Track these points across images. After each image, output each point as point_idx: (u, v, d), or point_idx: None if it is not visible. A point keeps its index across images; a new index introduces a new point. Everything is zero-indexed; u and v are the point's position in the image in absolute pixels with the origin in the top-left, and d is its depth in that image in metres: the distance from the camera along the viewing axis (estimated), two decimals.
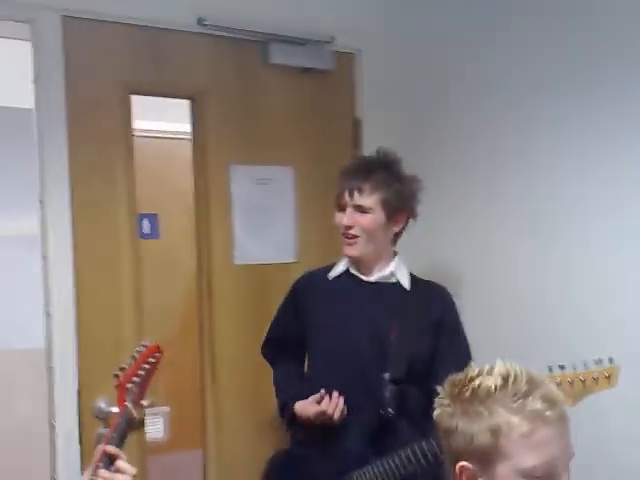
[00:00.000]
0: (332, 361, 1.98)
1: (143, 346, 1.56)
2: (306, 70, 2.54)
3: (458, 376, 1.20)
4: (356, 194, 1.94)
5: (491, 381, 1.13)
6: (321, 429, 1.94)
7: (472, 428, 1.13)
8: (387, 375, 1.87)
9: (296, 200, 2.55)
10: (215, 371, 2.38)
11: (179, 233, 3.85)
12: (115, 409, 2.07)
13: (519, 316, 2.21)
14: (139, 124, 2.48)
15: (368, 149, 2.56)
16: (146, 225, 3.84)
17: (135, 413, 1.46)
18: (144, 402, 1.54)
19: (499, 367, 1.16)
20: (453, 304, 2.03)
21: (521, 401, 1.10)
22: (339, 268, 2.06)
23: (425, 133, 2.55)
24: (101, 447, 1.36)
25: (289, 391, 2.06)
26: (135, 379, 1.50)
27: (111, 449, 1.36)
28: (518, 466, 1.10)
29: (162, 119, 3.55)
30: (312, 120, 2.57)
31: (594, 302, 2.00)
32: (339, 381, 1.94)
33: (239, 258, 2.44)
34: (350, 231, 1.95)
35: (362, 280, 2.02)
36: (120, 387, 1.49)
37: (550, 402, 1.11)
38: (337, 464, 1.87)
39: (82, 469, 2.09)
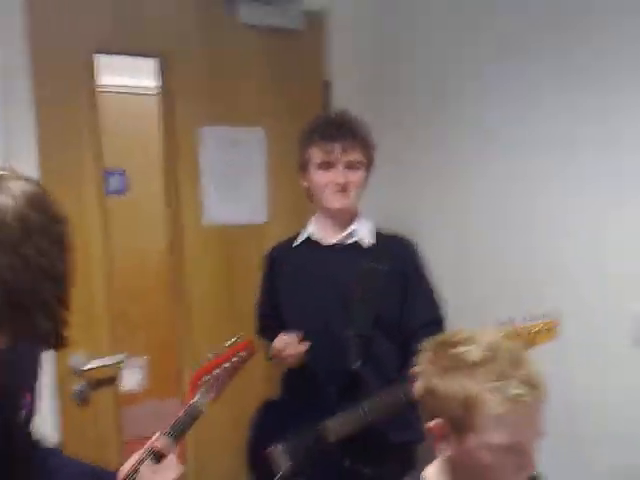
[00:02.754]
0: (302, 325, 2.02)
1: (236, 340, 1.50)
2: (275, 30, 2.54)
3: (444, 337, 1.22)
4: (349, 150, 1.97)
5: (475, 353, 1.13)
6: (300, 381, 2.04)
7: (448, 394, 1.14)
8: (352, 331, 1.93)
9: (267, 161, 2.57)
10: (189, 324, 2.44)
11: (148, 189, 3.88)
12: (93, 364, 2.18)
13: (478, 271, 2.28)
14: (108, 80, 2.46)
15: (336, 109, 2.61)
16: (114, 181, 3.85)
17: (204, 408, 1.41)
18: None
19: (488, 338, 1.16)
20: (418, 254, 2.07)
21: (501, 382, 1.10)
22: (301, 236, 2.11)
23: (393, 95, 2.58)
24: (154, 439, 1.32)
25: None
26: (216, 372, 1.44)
27: (160, 443, 1.31)
28: (487, 441, 1.12)
29: (132, 75, 3.53)
30: (281, 81, 2.58)
31: (545, 259, 2.06)
32: (309, 342, 2.01)
33: (210, 219, 2.46)
34: (347, 188, 1.98)
35: (323, 244, 2.06)
36: (194, 379, 1.43)
37: (530, 386, 1.11)
38: (311, 414, 1.94)
39: (60, 425, 2.17)
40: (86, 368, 2.17)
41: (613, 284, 1.87)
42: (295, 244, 2.12)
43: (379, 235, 2.08)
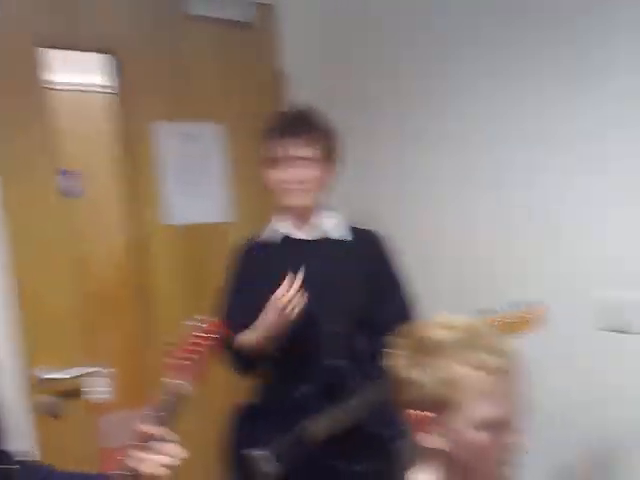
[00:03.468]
0: None
1: (200, 321, 1.42)
2: (227, 22, 2.51)
3: (413, 327, 1.22)
4: (302, 146, 1.94)
5: (445, 333, 1.15)
6: (277, 382, 2.02)
7: (425, 379, 1.14)
8: (331, 328, 1.93)
9: (226, 156, 2.54)
10: (155, 328, 2.40)
11: (103, 190, 3.78)
12: (64, 375, 2.13)
13: (454, 265, 2.27)
14: (59, 77, 2.39)
15: (292, 102, 2.59)
16: (68, 183, 3.75)
17: (185, 392, 1.34)
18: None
19: (452, 319, 1.18)
20: (388, 248, 2.06)
21: (474, 354, 1.12)
22: (271, 232, 2.07)
23: (347, 85, 2.55)
24: (141, 426, 1.27)
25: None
26: (189, 354, 1.37)
27: (148, 429, 1.27)
28: (472, 417, 1.12)
29: (84, 71, 3.42)
30: (235, 74, 2.55)
31: (511, 248, 2.07)
32: (288, 341, 1.97)
33: (171, 218, 2.43)
34: (302, 185, 1.96)
35: (296, 239, 2.04)
36: (170, 362, 1.37)
37: (502, 355, 1.13)
38: (291, 414, 1.93)
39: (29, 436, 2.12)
40: (53, 379, 2.13)
41: (578, 271, 1.89)
42: (267, 239, 2.08)
43: (351, 228, 2.07)
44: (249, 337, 1.94)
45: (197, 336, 1.38)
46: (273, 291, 1.98)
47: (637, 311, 1.77)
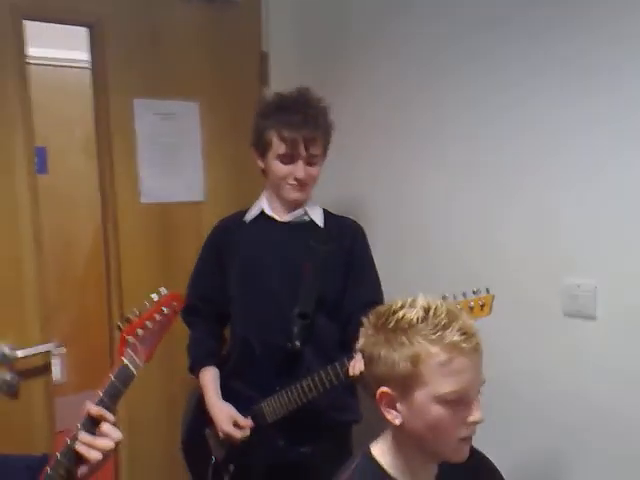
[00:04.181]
0: (249, 302, 2.01)
1: (158, 294, 1.33)
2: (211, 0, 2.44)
3: (383, 307, 1.26)
4: (312, 144, 1.92)
5: (413, 313, 1.20)
6: (237, 362, 2.02)
7: (394, 356, 1.19)
8: (296, 310, 1.92)
9: (203, 136, 2.48)
10: (124, 311, 2.32)
11: (70, 168, 3.69)
12: (20, 353, 2.05)
13: (424, 251, 2.25)
14: (36, 51, 2.32)
15: (275, 83, 2.54)
16: (37, 159, 3.65)
17: (135, 371, 1.27)
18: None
19: (421, 300, 1.22)
20: (364, 239, 2.07)
21: (440, 333, 1.17)
22: (254, 211, 2.05)
23: (332, 65, 2.50)
24: (86, 407, 1.22)
25: (199, 354, 2.08)
26: (140, 332, 1.29)
27: (94, 410, 1.21)
28: (434, 392, 1.17)
29: (51, 46, 3.34)
30: (218, 53, 2.48)
31: (479, 235, 2.07)
32: (255, 319, 1.99)
33: (146, 196, 2.36)
34: (307, 181, 1.95)
35: (278, 221, 2.03)
36: (121, 340, 1.28)
37: (467, 334, 1.18)
38: (247, 395, 1.95)
39: None
40: (13, 357, 2.05)
41: (546, 258, 1.90)
42: (248, 218, 2.06)
43: (327, 215, 2.07)
44: (207, 389, 2.00)
45: (153, 311, 1.31)
46: (250, 270, 2.01)
47: (601, 297, 1.78)
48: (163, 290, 1.33)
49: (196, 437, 2.07)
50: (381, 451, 1.29)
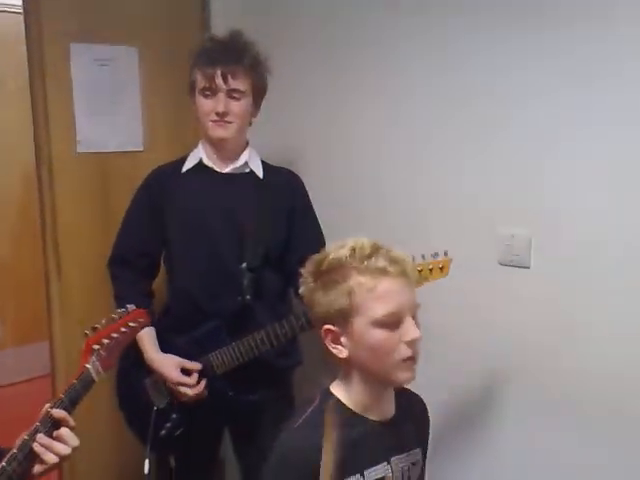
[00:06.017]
0: (192, 255, 1.97)
1: (125, 310, 1.48)
2: None
3: (317, 255, 1.33)
4: (230, 78, 1.87)
5: (342, 252, 1.28)
6: (183, 316, 1.99)
7: (331, 295, 1.27)
8: (245, 264, 1.91)
9: (141, 84, 2.41)
10: (60, 265, 2.29)
11: (6, 115, 3.56)
12: None
13: (355, 201, 2.24)
14: None
15: (216, 30, 2.47)
16: None
17: (96, 377, 1.37)
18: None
19: (349, 241, 1.30)
20: (304, 190, 2.06)
21: (366, 262, 1.25)
22: (191, 161, 2.01)
23: (275, 12, 2.42)
24: (47, 408, 1.28)
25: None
26: (106, 341, 1.40)
27: (57, 413, 1.27)
28: (369, 317, 1.25)
29: None
30: None
31: (423, 189, 2.06)
32: (199, 272, 1.97)
33: (82, 146, 2.30)
34: (225, 118, 1.90)
35: (217, 172, 1.99)
36: (86, 347, 1.38)
37: (392, 260, 1.26)
38: (194, 346, 1.94)
39: None
40: None
41: (482, 210, 1.92)
42: (185, 169, 2.01)
43: (266, 166, 2.04)
44: (143, 342, 1.95)
45: (120, 325, 1.44)
46: (192, 223, 1.97)
47: (536, 247, 1.83)
48: (131, 307, 1.48)
49: (134, 389, 2.04)
50: (339, 389, 1.35)
